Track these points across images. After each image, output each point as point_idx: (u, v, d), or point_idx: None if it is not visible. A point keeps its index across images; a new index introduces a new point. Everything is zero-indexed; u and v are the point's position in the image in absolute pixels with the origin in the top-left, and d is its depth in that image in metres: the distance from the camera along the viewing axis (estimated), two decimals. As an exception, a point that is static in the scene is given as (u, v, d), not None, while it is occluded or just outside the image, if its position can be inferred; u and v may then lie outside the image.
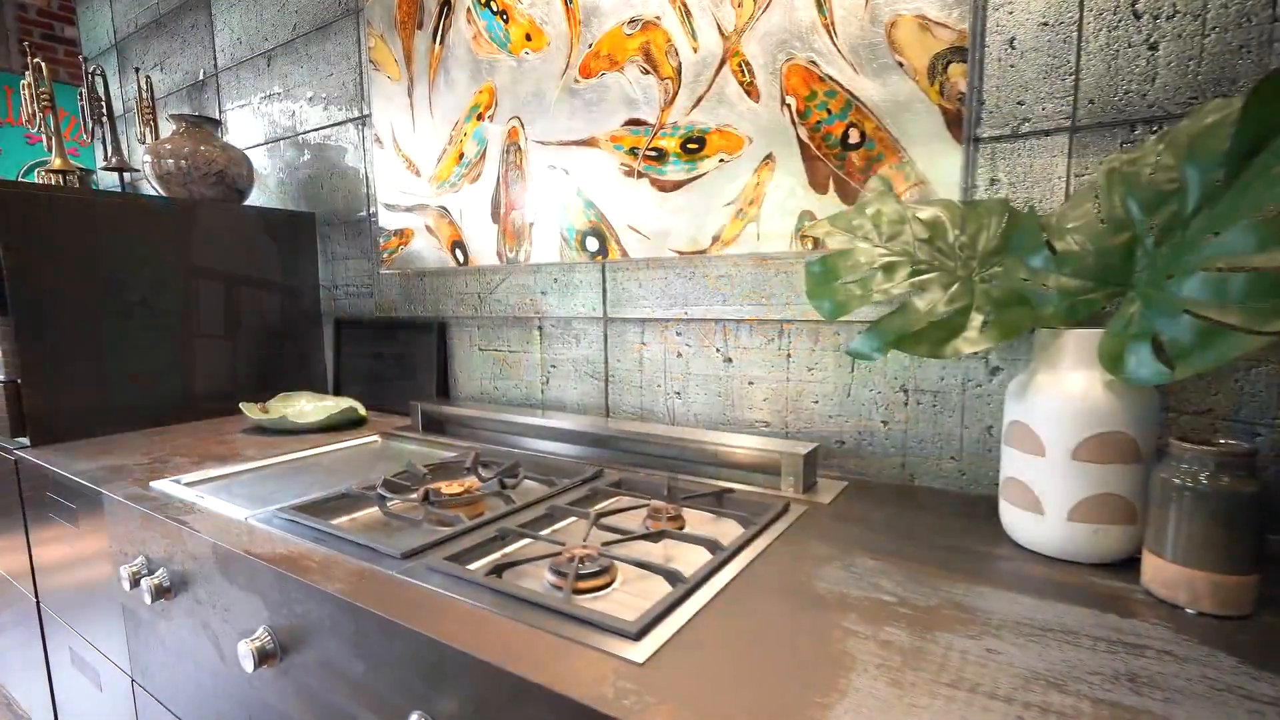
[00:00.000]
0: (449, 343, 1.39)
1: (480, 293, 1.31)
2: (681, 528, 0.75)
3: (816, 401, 0.95)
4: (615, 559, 0.62)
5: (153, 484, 0.93)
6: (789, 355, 0.97)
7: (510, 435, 1.15)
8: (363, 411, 1.33)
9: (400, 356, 1.45)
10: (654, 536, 0.67)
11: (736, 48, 0.91)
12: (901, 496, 0.84)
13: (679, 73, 0.97)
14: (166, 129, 2.02)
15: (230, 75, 1.78)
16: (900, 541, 0.69)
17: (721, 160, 0.94)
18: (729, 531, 0.75)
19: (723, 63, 0.92)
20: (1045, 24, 0.75)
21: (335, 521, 0.81)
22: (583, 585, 0.59)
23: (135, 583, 0.82)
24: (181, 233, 1.37)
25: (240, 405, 1.30)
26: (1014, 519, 0.67)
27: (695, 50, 0.95)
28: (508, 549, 0.70)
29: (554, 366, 1.23)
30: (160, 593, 0.79)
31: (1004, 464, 0.68)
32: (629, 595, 0.60)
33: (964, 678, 0.44)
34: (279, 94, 1.66)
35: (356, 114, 1.48)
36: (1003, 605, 0.55)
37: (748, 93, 0.91)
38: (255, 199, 1.78)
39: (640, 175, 1.02)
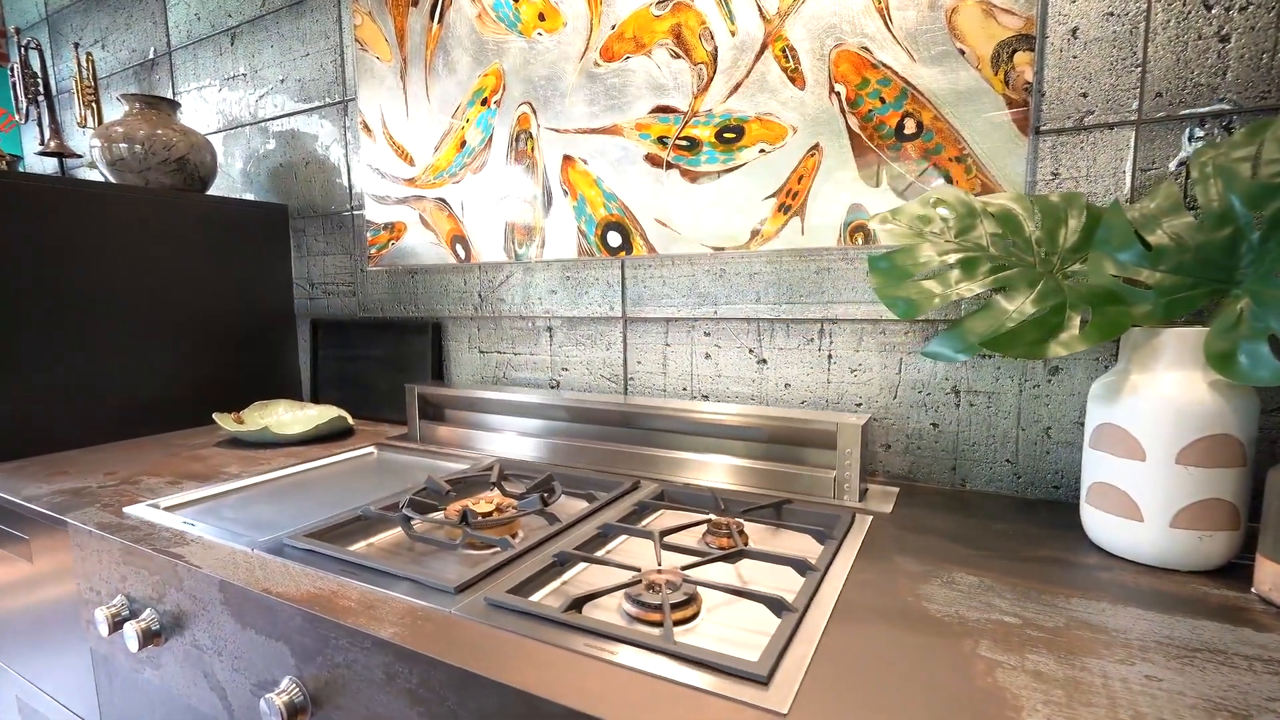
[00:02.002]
0: (444, 344, 1.30)
1: (481, 291, 1.23)
2: (746, 543, 0.69)
3: (860, 404, 0.91)
4: (699, 584, 0.56)
5: (126, 510, 0.81)
6: (830, 356, 0.92)
7: (519, 418, 1.07)
8: (350, 420, 1.23)
9: (388, 360, 1.34)
10: (732, 556, 0.61)
11: (779, 32, 0.86)
12: (959, 502, 0.80)
13: (714, 57, 0.91)
14: (112, 112, 1.84)
15: (186, 55, 1.63)
16: (986, 553, 0.65)
17: (762, 150, 0.89)
18: (798, 546, 0.69)
19: (764, 47, 0.87)
20: (1111, 14, 0.73)
21: (354, 548, 0.72)
22: (673, 616, 0.53)
23: (116, 626, 0.70)
24: (137, 225, 1.23)
25: (214, 415, 1.18)
26: (1104, 525, 0.64)
27: (733, 34, 0.89)
28: (566, 576, 0.63)
29: (565, 370, 1.15)
30: (149, 638, 0.68)
31: (1089, 468, 0.65)
32: (720, 626, 0.54)
33: (1142, 713, 0.40)
34: (244, 76, 1.53)
35: (337, 98, 1.37)
36: (1130, 622, 0.51)
37: (792, 79, 0.86)
38: (216, 189, 1.63)
39: (670, 166, 0.96)
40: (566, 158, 1.05)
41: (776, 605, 0.52)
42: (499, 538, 0.66)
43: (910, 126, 0.80)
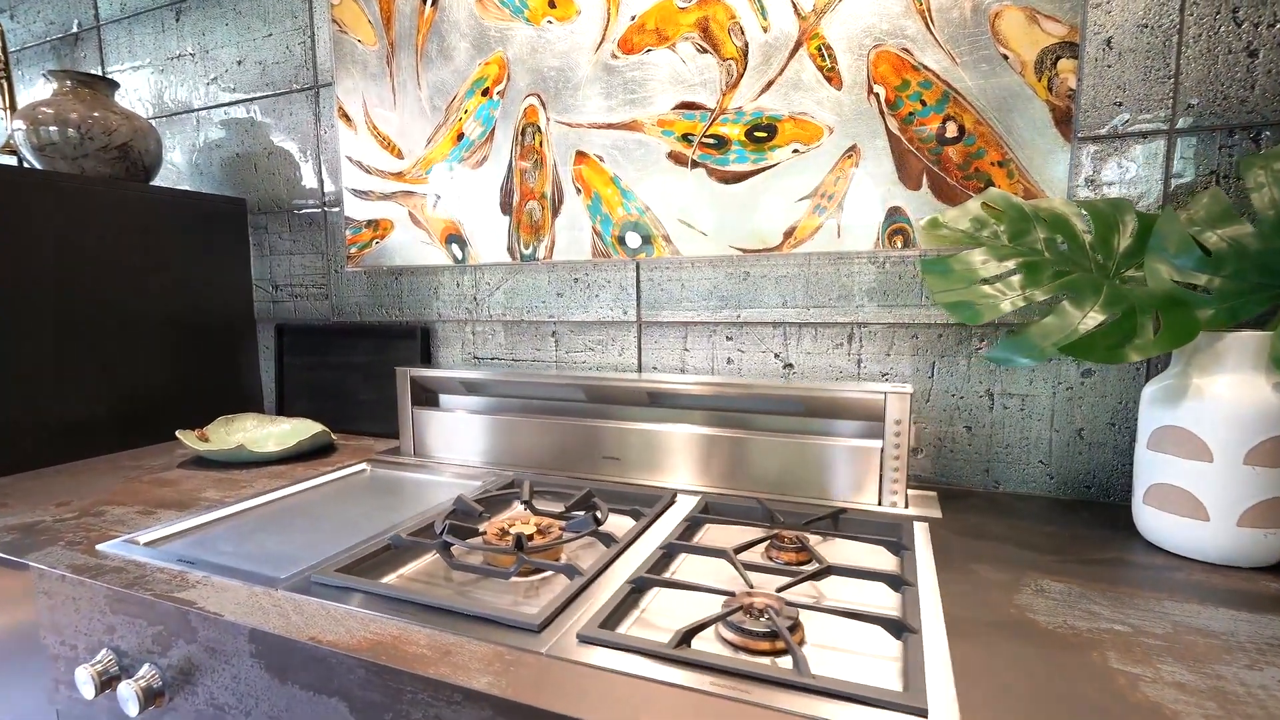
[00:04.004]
0: (434, 351, 1.21)
1: (476, 294, 1.15)
2: (812, 558, 0.66)
3: (891, 408, 0.90)
4: (804, 607, 0.52)
5: (100, 548, 0.70)
6: (859, 361, 0.91)
7: (526, 399, 1.00)
8: (332, 435, 1.12)
9: (368, 368, 1.24)
10: (820, 574, 0.58)
11: (816, 30, 0.84)
12: (999, 505, 0.81)
13: (744, 54, 0.88)
14: (27, 91, 1.62)
15: (119, 29, 1.46)
16: (1054, 557, 0.65)
17: (796, 151, 0.87)
18: (867, 558, 0.67)
19: (798, 45, 0.85)
20: (1145, 26, 0.75)
21: (386, 580, 0.64)
22: (781, 645, 0.50)
23: (105, 687, 0.60)
24: (70, 218, 1.08)
25: (177, 433, 1.05)
26: (1165, 526, 0.65)
27: (765, 30, 0.87)
28: (643, 604, 0.58)
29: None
30: (150, 698, 0.58)
31: (1147, 470, 0.67)
32: (825, 650, 0.51)
33: (1300, 721, 0.40)
34: (191, 55, 1.38)
35: (306, 84, 1.26)
36: (1231, 624, 0.52)
37: (828, 79, 0.84)
38: (159, 182, 1.47)
39: (695, 165, 0.93)
40: (580, 154, 1.00)
41: (896, 627, 0.50)
42: (562, 564, 0.61)
43: (952, 130, 0.80)
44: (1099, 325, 0.62)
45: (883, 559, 0.66)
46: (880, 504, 0.79)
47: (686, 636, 0.49)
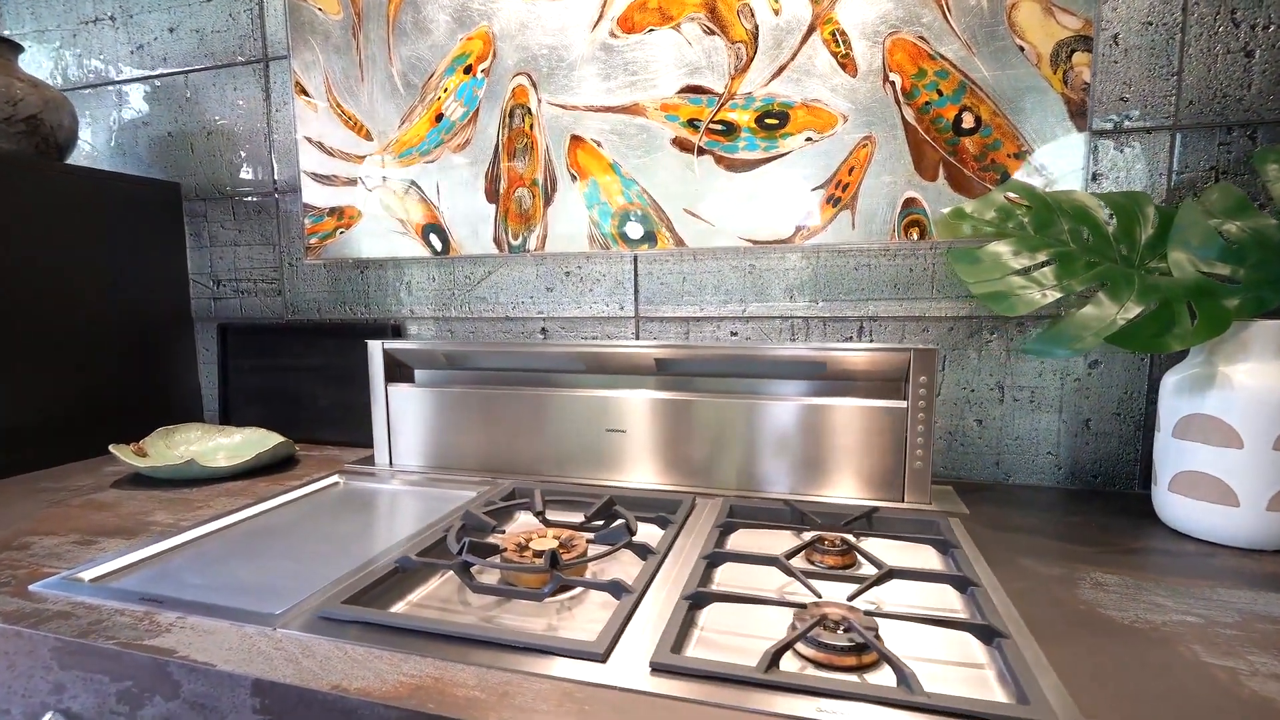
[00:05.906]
0: (406, 352, 1.12)
1: (454, 288, 1.07)
2: (856, 560, 0.63)
3: (901, 403, 0.89)
4: (886, 616, 0.49)
5: (34, 588, 0.59)
6: (869, 355, 0.90)
7: (516, 372, 0.93)
8: (295, 445, 1.01)
9: (329, 370, 1.13)
10: (884, 578, 0.55)
11: (829, 14, 0.82)
12: (1014, 497, 0.81)
13: (755, 37, 0.85)
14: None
15: (20, -14, 1.27)
16: (1093, 548, 0.65)
17: (809, 139, 0.84)
18: (915, 558, 0.65)
19: (812, 30, 0.83)
20: (1149, 23, 0.77)
21: (395, 609, 0.57)
22: (868, 659, 0.46)
23: (55, 758, 0.50)
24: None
25: (111, 448, 0.91)
26: (1193, 512, 0.66)
27: (777, 13, 0.83)
28: (701, 621, 0.53)
29: (562, 376, 1.03)
30: (116, 769, 0.48)
31: (1173, 458, 0.68)
32: (908, 660, 0.47)
33: None
34: (110, 19, 1.22)
35: (254, 55, 1.13)
36: (1288, 610, 0.52)
37: (842, 66, 0.82)
38: (74, 163, 1.29)
39: (702, 151, 0.89)
40: (575, 138, 0.94)
41: (985, 632, 0.47)
42: (606, 581, 0.55)
43: (968, 120, 0.79)
44: (1136, 316, 0.62)
45: (931, 558, 0.64)
46: (903, 499, 0.77)
47: (775, 657, 0.44)
